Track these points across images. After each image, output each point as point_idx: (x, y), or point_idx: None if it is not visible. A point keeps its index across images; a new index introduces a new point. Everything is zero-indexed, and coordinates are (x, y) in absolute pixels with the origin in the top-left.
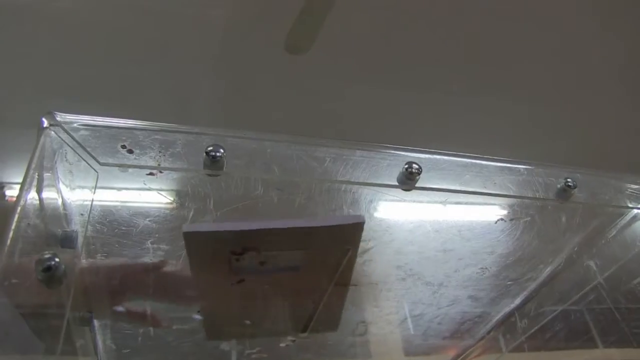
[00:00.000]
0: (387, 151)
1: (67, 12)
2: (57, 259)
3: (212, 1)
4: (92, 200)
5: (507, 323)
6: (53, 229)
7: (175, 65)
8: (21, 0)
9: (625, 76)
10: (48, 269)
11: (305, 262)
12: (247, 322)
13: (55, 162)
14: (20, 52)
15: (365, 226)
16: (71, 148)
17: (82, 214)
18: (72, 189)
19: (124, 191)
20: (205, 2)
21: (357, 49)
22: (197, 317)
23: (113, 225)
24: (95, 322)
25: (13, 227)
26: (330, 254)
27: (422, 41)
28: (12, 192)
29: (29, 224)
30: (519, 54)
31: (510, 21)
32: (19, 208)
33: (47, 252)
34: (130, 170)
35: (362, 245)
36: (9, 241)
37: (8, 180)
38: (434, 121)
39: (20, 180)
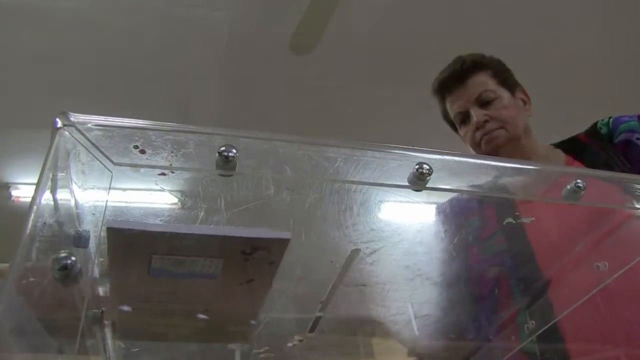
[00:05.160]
0: (398, 152)
1: (72, 14)
2: (73, 258)
3: (217, 3)
4: (107, 201)
5: (514, 323)
6: (66, 228)
7: (180, 65)
8: (26, 1)
9: (629, 76)
10: (64, 267)
11: (223, 271)
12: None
13: (69, 162)
14: (20, 53)
15: (375, 227)
16: (85, 148)
17: (94, 214)
18: (85, 189)
19: (135, 191)
20: (210, 3)
21: (362, 49)
22: (202, 316)
23: None
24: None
25: (29, 225)
26: (249, 267)
27: (432, 41)
28: (17, 192)
29: (44, 223)
30: (526, 56)
31: (524, 20)
32: (35, 207)
33: (63, 251)
34: (142, 170)
35: (371, 245)
36: (25, 240)
37: (13, 181)
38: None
39: (24, 180)
